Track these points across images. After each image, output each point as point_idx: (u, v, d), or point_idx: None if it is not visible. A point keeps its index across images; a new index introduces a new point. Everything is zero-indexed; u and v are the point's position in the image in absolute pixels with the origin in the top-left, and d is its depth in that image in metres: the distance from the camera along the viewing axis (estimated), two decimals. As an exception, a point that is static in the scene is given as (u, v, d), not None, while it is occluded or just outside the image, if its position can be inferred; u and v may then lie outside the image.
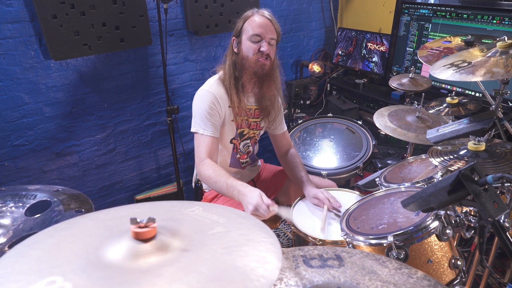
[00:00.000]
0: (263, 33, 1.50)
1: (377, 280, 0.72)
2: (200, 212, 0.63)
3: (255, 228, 0.57)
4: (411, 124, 1.78)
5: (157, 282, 0.44)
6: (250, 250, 0.51)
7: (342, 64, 3.08)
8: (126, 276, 0.46)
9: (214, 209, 0.64)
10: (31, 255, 0.51)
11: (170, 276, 0.45)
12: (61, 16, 1.77)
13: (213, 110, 1.55)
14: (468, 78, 1.13)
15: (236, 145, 1.74)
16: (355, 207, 1.31)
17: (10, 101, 1.84)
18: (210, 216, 0.61)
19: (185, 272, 0.46)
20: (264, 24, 1.50)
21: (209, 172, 1.45)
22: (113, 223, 0.58)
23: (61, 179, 2.14)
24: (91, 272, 0.46)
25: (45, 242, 0.55)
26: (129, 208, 0.67)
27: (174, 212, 0.63)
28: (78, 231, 0.58)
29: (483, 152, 1.12)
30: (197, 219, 0.60)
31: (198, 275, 0.45)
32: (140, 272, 0.46)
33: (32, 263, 0.49)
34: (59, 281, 0.44)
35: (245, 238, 0.54)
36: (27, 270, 0.47)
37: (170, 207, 0.66)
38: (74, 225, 0.60)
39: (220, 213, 0.62)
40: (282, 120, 1.84)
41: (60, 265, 0.48)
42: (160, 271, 0.46)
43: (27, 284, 0.44)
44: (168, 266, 0.47)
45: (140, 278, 0.45)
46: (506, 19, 2.04)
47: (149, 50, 2.22)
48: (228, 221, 0.60)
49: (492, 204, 0.76)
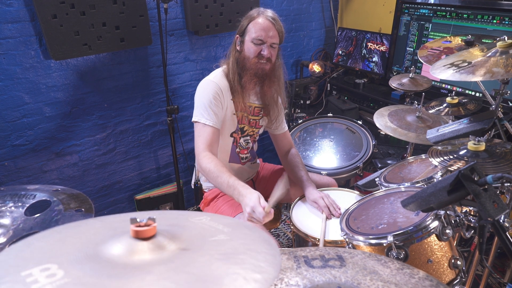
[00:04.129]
0: (265, 37, 1.51)
1: (379, 280, 0.72)
2: (206, 221, 0.63)
3: (259, 240, 0.57)
4: (411, 124, 1.78)
5: (145, 278, 0.45)
6: (247, 259, 0.51)
7: (342, 64, 3.08)
8: (117, 270, 0.47)
9: (222, 220, 0.64)
10: (36, 246, 0.54)
11: (160, 274, 0.46)
12: (61, 16, 1.77)
13: (217, 100, 1.55)
14: (468, 78, 1.13)
15: (237, 139, 1.74)
16: (355, 207, 1.31)
17: (10, 101, 1.84)
18: (215, 225, 0.61)
19: (176, 271, 0.47)
20: (267, 28, 1.51)
21: (211, 166, 1.44)
22: (119, 225, 0.60)
23: (61, 179, 2.14)
24: (86, 264, 0.48)
25: (52, 236, 0.57)
26: (140, 214, 0.69)
27: (180, 220, 0.64)
28: (85, 229, 0.61)
29: (483, 152, 1.12)
30: (202, 227, 0.61)
31: (188, 276, 0.46)
32: (132, 267, 0.48)
33: (35, 253, 0.52)
34: (53, 269, 0.47)
35: (245, 248, 0.54)
36: (28, 257, 0.50)
37: (178, 215, 0.67)
38: (83, 224, 0.63)
39: (227, 223, 0.63)
40: (283, 120, 1.84)
41: (58, 255, 0.51)
42: (151, 268, 0.47)
43: (23, 269, 0.47)
44: (160, 265, 0.48)
45: (130, 273, 0.46)
46: (506, 19, 2.04)
47: (149, 50, 2.22)
48: (232, 230, 0.60)
49: (492, 204, 0.76)
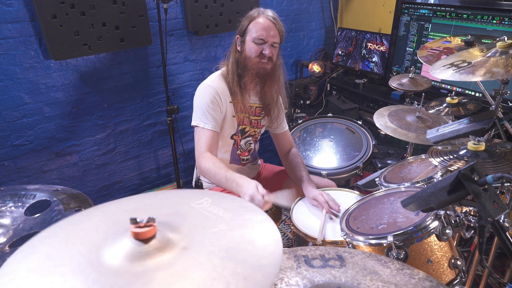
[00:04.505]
0: (267, 36, 1.52)
1: (378, 280, 0.72)
2: (207, 205, 0.62)
3: (260, 227, 0.57)
4: (411, 124, 1.78)
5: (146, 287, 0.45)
6: (247, 258, 0.51)
7: (342, 64, 3.08)
8: (119, 279, 0.47)
9: (223, 202, 0.64)
10: (41, 250, 0.54)
11: (161, 281, 0.46)
12: (61, 16, 1.77)
13: (215, 104, 1.57)
14: (468, 78, 1.13)
15: (237, 141, 1.75)
16: (355, 207, 1.31)
17: (10, 101, 1.84)
18: (216, 210, 0.61)
19: (177, 278, 0.47)
20: (268, 27, 1.52)
21: (209, 165, 1.47)
22: (121, 217, 0.59)
23: (61, 179, 2.14)
24: (89, 274, 0.48)
25: (56, 236, 0.57)
26: (141, 199, 0.67)
27: (181, 204, 0.63)
28: (87, 225, 0.60)
29: (483, 152, 1.12)
30: (202, 214, 0.60)
31: (189, 283, 0.46)
32: (134, 275, 0.47)
33: (41, 259, 0.52)
34: (58, 281, 0.47)
35: (246, 239, 0.54)
36: (34, 267, 0.50)
37: (180, 198, 0.67)
38: (85, 219, 0.62)
39: (227, 207, 0.62)
40: (283, 119, 1.85)
41: (63, 263, 0.50)
42: (152, 276, 0.47)
43: (30, 283, 0.46)
44: (162, 270, 0.48)
45: (132, 282, 0.46)
46: (506, 19, 2.04)
47: (149, 50, 2.22)
48: (233, 216, 0.59)
49: (492, 204, 0.76)
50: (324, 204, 1.51)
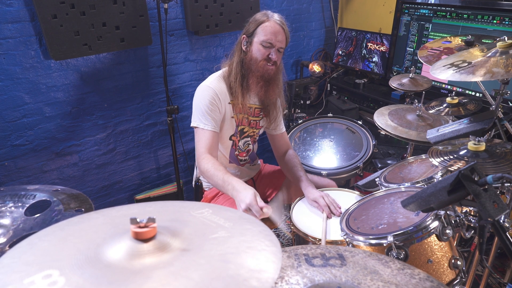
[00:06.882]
0: (275, 41, 1.54)
1: (379, 280, 0.72)
2: (208, 215, 0.63)
3: (259, 236, 0.57)
4: (411, 123, 1.78)
5: (143, 285, 0.45)
6: (248, 259, 0.51)
7: (342, 64, 3.08)
8: (117, 275, 0.47)
9: (223, 213, 0.64)
10: (39, 246, 0.54)
11: (159, 280, 0.46)
12: (61, 16, 1.77)
13: (214, 105, 1.57)
14: (468, 78, 1.13)
15: (235, 142, 1.75)
16: (355, 207, 1.31)
17: (10, 101, 1.84)
18: (216, 219, 0.61)
19: (175, 276, 0.46)
20: (277, 32, 1.54)
21: (208, 166, 1.48)
22: (121, 221, 0.59)
23: (61, 179, 2.14)
24: (86, 269, 0.48)
25: (55, 235, 0.57)
26: (141, 206, 0.67)
27: (182, 213, 0.64)
28: (87, 226, 0.60)
29: (483, 152, 1.12)
30: (203, 222, 0.60)
31: (187, 281, 0.46)
32: (132, 272, 0.47)
33: (38, 255, 0.52)
34: (55, 275, 0.47)
35: (246, 245, 0.54)
36: (31, 261, 0.50)
37: (180, 207, 0.67)
38: (86, 220, 0.62)
39: (228, 217, 0.62)
40: (281, 121, 1.86)
41: (60, 259, 0.50)
42: (150, 273, 0.47)
43: (26, 275, 0.47)
44: (160, 269, 0.48)
45: (130, 279, 0.46)
46: (506, 19, 2.04)
47: (149, 50, 2.22)
48: (233, 226, 0.59)
49: (492, 204, 0.76)
50: (324, 207, 1.51)
